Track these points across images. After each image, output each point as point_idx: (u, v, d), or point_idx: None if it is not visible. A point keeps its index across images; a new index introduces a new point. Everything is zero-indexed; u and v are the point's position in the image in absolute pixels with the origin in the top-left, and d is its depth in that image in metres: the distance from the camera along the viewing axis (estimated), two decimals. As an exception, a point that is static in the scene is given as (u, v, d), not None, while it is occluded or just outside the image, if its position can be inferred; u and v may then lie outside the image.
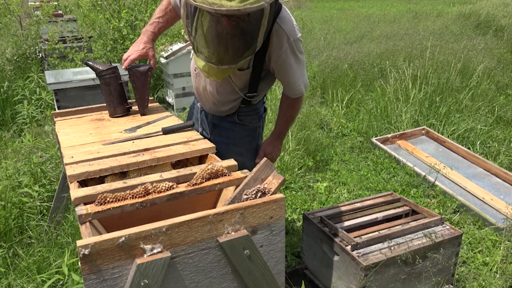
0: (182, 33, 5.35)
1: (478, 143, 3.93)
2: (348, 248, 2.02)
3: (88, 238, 1.10)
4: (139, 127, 1.86)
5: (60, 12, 6.63)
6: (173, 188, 1.33)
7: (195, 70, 2.02)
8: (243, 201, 1.29)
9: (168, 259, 1.13)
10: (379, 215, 2.34)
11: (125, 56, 1.99)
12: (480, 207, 3.03)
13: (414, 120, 4.39)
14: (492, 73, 5.43)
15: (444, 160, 3.65)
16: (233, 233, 1.22)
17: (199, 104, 2.15)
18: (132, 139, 1.70)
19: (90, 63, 1.99)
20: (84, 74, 3.49)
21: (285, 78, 1.92)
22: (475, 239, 2.73)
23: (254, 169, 1.35)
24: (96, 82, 3.37)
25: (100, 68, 1.98)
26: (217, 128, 2.12)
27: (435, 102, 4.50)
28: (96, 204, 1.25)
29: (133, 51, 1.99)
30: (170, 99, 5.09)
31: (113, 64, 2.01)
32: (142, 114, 2.04)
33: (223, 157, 1.78)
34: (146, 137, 1.73)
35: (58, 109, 3.33)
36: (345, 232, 2.09)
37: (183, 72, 4.86)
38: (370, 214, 2.35)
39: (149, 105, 2.26)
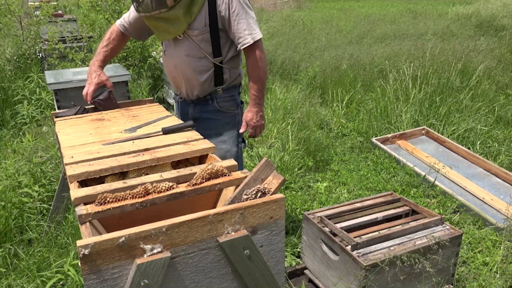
0: None
1: (478, 143, 3.93)
2: (348, 248, 2.02)
3: (88, 238, 1.10)
4: (139, 127, 1.86)
5: (60, 12, 6.63)
6: (173, 188, 1.33)
7: (164, 52, 2.21)
8: (243, 201, 1.29)
9: (168, 259, 1.13)
10: (379, 215, 2.34)
11: (84, 92, 2.17)
12: (480, 207, 3.03)
13: (414, 120, 4.39)
14: (492, 73, 5.43)
15: (444, 160, 3.65)
16: (233, 233, 1.22)
17: (178, 95, 2.33)
18: (132, 139, 1.70)
19: (60, 115, 2.14)
20: (84, 74, 3.48)
21: (234, 27, 2.02)
22: (475, 239, 2.73)
23: (254, 169, 1.35)
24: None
25: (70, 113, 2.13)
26: (199, 121, 2.23)
27: (435, 102, 4.50)
28: (96, 204, 1.25)
29: (88, 84, 2.18)
30: (170, 99, 5.09)
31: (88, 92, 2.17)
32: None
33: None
34: (146, 137, 1.73)
35: (58, 109, 3.33)
36: (345, 232, 2.09)
37: (183, 72, 4.85)
38: (370, 214, 2.35)
39: (149, 105, 2.27)
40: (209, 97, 2.20)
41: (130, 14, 2.24)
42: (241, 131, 2.23)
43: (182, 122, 1.87)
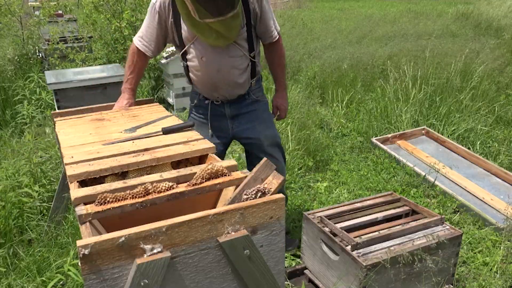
0: None
1: (478, 143, 3.93)
2: (348, 248, 2.02)
3: (88, 238, 1.10)
4: (139, 127, 1.86)
5: (60, 12, 6.63)
6: (173, 188, 1.33)
7: (202, 59, 2.13)
8: (243, 201, 1.30)
9: (168, 259, 1.13)
10: (379, 215, 2.34)
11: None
12: (480, 207, 3.03)
13: (414, 120, 4.39)
14: (492, 73, 5.43)
15: (444, 160, 3.65)
16: (233, 233, 1.22)
17: (208, 99, 2.28)
18: (132, 139, 1.70)
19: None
20: (84, 74, 3.49)
21: (264, 22, 2.17)
22: (475, 239, 2.73)
23: (254, 169, 1.35)
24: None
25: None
26: (238, 118, 2.29)
27: (435, 102, 4.49)
28: (96, 204, 1.25)
29: (119, 108, 2.17)
30: (170, 99, 5.09)
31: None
32: None
33: (257, 143, 2.30)
34: (146, 137, 1.73)
35: (58, 109, 3.33)
36: (345, 232, 2.09)
37: (183, 72, 4.85)
38: (370, 214, 2.35)
39: (149, 105, 2.27)
40: (245, 92, 2.27)
41: (147, 31, 2.17)
42: (275, 115, 2.46)
43: (182, 122, 1.87)
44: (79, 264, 1.07)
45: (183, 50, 2.16)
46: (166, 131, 1.77)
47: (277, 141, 2.43)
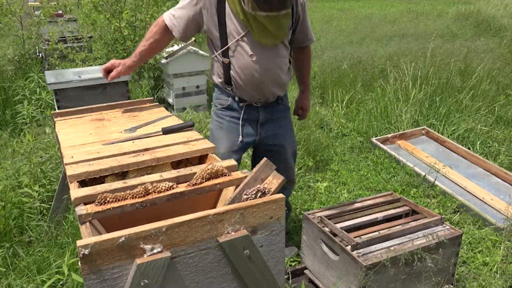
0: None
1: (478, 143, 3.93)
2: (348, 248, 2.02)
3: (88, 238, 1.10)
4: (139, 127, 1.86)
5: (60, 12, 6.63)
6: (173, 188, 1.33)
7: (251, 56, 2.02)
8: (243, 201, 1.30)
9: (168, 259, 1.13)
10: (379, 215, 2.34)
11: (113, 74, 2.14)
12: (480, 207, 3.03)
13: (414, 120, 4.39)
14: (492, 73, 5.43)
15: (444, 160, 3.65)
16: (233, 233, 1.22)
17: (245, 101, 2.16)
18: (132, 139, 1.70)
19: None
20: (85, 74, 3.49)
21: (305, 25, 2.20)
22: (475, 239, 2.73)
23: (254, 169, 1.35)
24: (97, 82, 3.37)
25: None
26: (269, 124, 2.24)
27: (435, 102, 4.50)
28: (96, 204, 1.25)
29: (119, 63, 2.16)
30: (170, 99, 5.09)
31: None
32: None
33: (279, 150, 2.27)
34: (146, 137, 1.73)
35: (58, 109, 3.33)
36: (345, 232, 2.09)
37: (183, 72, 4.86)
38: (370, 214, 2.35)
39: (149, 105, 2.27)
40: (282, 95, 2.25)
41: (181, 11, 2.05)
42: (298, 116, 2.52)
43: (182, 122, 1.87)
44: (79, 264, 1.07)
45: (227, 46, 2.03)
46: (166, 131, 1.77)
47: (296, 150, 2.43)
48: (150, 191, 1.30)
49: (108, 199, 1.25)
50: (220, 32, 2.02)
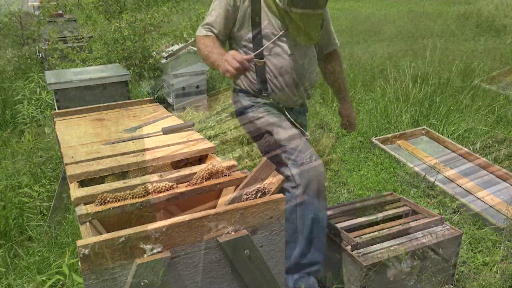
0: (185, 35, 5.35)
1: (478, 143, 3.93)
2: (348, 248, 2.02)
3: (88, 238, 1.10)
4: (139, 127, 1.86)
5: (60, 12, 6.63)
6: (173, 188, 1.33)
7: (291, 56, 1.96)
8: (243, 201, 1.30)
9: (168, 259, 1.13)
10: (379, 215, 2.34)
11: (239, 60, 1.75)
12: (480, 207, 3.03)
13: (414, 120, 4.39)
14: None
15: (444, 160, 3.65)
16: (233, 233, 1.22)
17: (271, 102, 2.05)
18: (132, 139, 1.70)
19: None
20: (85, 74, 3.48)
21: (329, 29, 2.18)
22: (475, 239, 2.73)
23: (254, 169, 1.35)
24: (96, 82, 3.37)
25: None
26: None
27: (435, 102, 4.49)
28: (96, 204, 1.25)
29: (232, 55, 1.77)
30: (170, 99, 5.09)
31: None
32: None
33: None
34: (146, 137, 1.73)
35: (58, 109, 3.33)
36: (345, 232, 2.09)
37: (183, 72, 4.86)
38: (370, 214, 2.35)
39: (149, 105, 2.27)
40: (308, 98, 2.21)
41: (217, 22, 1.95)
42: (345, 129, 2.40)
43: (182, 122, 1.87)
44: (79, 264, 1.07)
45: (265, 46, 1.93)
46: (166, 131, 1.77)
47: None
48: (150, 191, 1.30)
49: (108, 199, 1.25)
50: (253, 30, 1.93)
